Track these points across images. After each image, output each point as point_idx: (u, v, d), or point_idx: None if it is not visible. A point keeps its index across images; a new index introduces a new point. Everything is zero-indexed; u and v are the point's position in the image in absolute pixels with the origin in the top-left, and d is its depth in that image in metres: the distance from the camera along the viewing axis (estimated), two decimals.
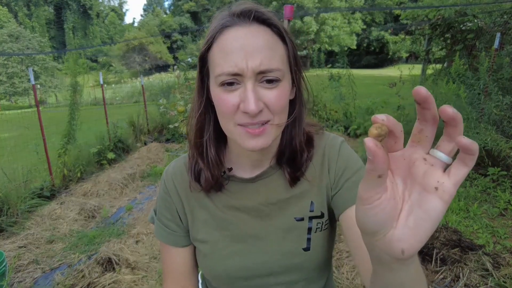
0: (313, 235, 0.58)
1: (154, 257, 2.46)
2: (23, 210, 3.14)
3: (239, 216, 0.59)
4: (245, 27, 0.47)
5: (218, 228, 0.59)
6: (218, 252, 0.58)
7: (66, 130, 4.36)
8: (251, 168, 0.59)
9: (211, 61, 0.50)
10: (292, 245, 0.57)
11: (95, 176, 4.26)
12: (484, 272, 2.03)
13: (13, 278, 2.26)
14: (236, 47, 0.46)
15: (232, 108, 0.48)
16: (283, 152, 0.57)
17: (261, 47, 0.46)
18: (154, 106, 7.11)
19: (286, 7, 2.29)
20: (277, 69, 0.47)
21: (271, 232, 0.58)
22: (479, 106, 3.54)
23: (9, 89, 20.25)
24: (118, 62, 34.25)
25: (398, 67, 5.15)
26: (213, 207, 0.60)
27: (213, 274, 0.60)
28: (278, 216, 0.58)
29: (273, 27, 0.48)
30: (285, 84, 0.49)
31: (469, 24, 4.55)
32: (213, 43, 0.49)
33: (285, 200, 0.58)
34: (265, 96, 0.47)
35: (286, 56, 0.49)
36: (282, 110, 0.50)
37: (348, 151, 0.60)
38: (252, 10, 0.48)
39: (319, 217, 0.58)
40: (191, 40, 42.98)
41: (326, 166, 0.59)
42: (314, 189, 0.59)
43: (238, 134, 0.50)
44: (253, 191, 0.59)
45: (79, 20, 42.48)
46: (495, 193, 3.01)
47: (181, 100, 3.11)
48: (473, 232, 2.50)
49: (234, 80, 0.47)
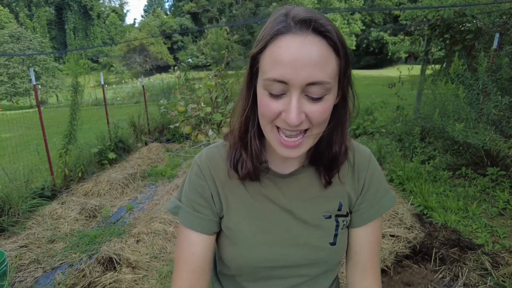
0: (339, 231, 0.61)
1: (154, 256, 2.47)
2: (24, 210, 3.15)
3: (271, 207, 0.60)
4: (301, 37, 0.46)
5: (249, 216, 0.60)
6: (248, 240, 0.59)
7: (67, 130, 4.38)
8: (282, 163, 0.61)
9: (261, 63, 0.50)
10: (320, 240, 0.59)
11: (96, 176, 4.27)
12: (483, 271, 2.03)
13: (14, 277, 2.27)
14: (288, 57, 0.45)
15: (273, 115, 0.49)
16: (321, 154, 0.59)
17: (313, 59, 0.45)
18: (154, 107, 7.14)
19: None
20: (325, 82, 0.46)
21: (300, 226, 0.60)
22: (478, 106, 3.55)
23: (10, 89, 20.28)
24: (119, 63, 34.27)
25: (397, 68, 5.15)
26: (247, 195, 0.61)
27: (239, 263, 0.60)
28: (307, 213, 0.60)
29: (329, 39, 0.47)
30: (331, 97, 0.49)
31: (468, 24, 4.55)
32: (266, 47, 0.49)
33: (315, 198, 0.61)
34: (308, 108, 0.48)
35: (337, 69, 0.49)
36: (322, 122, 0.50)
37: (377, 165, 0.64)
38: (311, 20, 0.46)
39: (345, 215, 0.62)
40: (192, 40, 43.02)
41: (356, 173, 0.62)
42: (343, 191, 0.61)
43: (273, 139, 0.51)
44: (285, 186, 0.61)
45: (80, 21, 42.50)
46: (494, 192, 3.02)
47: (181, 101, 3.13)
48: (472, 232, 2.51)
49: (281, 91, 0.47)
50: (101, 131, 5.17)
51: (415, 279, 2.04)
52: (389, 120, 5.07)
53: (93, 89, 16.31)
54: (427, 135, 4.33)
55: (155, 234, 2.73)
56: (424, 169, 3.51)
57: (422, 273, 2.10)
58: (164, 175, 4.44)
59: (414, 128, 4.28)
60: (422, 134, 4.36)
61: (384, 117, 5.37)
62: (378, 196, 0.62)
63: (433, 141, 4.14)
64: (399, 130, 4.59)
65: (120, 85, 25.42)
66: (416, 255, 2.26)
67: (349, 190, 0.62)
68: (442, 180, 3.40)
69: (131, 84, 24.27)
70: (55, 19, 41.45)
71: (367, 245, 0.62)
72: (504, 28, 4.01)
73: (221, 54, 6.05)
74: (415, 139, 4.20)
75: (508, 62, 3.68)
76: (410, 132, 4.35)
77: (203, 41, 34.05)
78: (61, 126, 4.54)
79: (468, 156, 3.53)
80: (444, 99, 3.89)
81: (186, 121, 5.34)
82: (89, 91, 14.21)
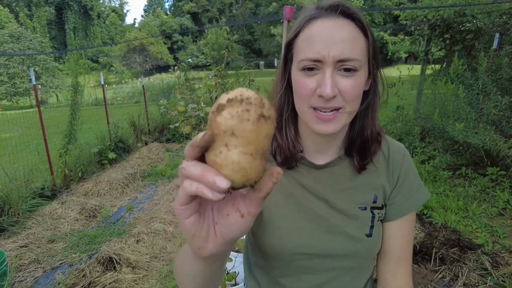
0: (375, 223, 0.61)
1: (154, 256, 2.47)
2: (24, 210, 3.15)
3: (307, 196, 0.62)
4: (331, 19, 0.51)
5: (287, 203, 0.61)
6: (287, 226, 0.60)
7: (67, 130, 4.38)
8: (316, 153, 0.62)
9: (296, 47, 0.54)
10: (356, 230, 0.60)
11: (96, 176, 4.27)
12: (483, 271, 2.03)
13: (14, 277, 2.27)
14: (321, 36, 0.50)
15: (309, 91, 0.52)
16: (354, 141, 0.60)
17: (344, 38, 0.49)
18: (154, 106, 7.13)
19: (286, 8, 2.31)
20: (356, 59, 0.50)
21: (336, 216, 0.61)
22: (478, 106, 3.55)
23: (10, 89, 20.27)
24: (119, 63, 34.27)
25: (397, 68, 5.14)
26: (285, 182, 0.62)
27: (277, 250, 0.61)
28: (342, 203, 0.61)
29: (357, 21, 0.52)
30: (362, 74, 0.52)
31: (468, 24, 4.55)
32: (300, 32, 0.53)
33: (350, 189, 0.61)
34: (341, 83, 0.51)
35: (366, 49, 0.53)
36: (355, 99, 0.53)
37: (411, 160, 0.65)
38: (339, 5, 0.52)
39: (380, 208, 0.62)
40: (192, 40, 43.02)
41: (391, 166, 0.63)
42: (378, 184, 0.62)
43: (310, 117, 0.54)
44: (321, 176, 0.62)
45: (80, 21, 42.51)
46: (494, 192, 3.02)
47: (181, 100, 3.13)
48: (472, 232, 2.50)
49: (315, 66, 0.51)
50: (101, 131, 5.17)
51: (415, 279, 2.04)
52: (389, 120, 5.06)
53: (93, 89, 16.31)
54: (427, 135, 4.32)
55: (155, 234, 2.73)
56: (424, 169, 3.51)
57: (422, 273, 2.10)
58: (164, 175, 4.45)
59: (414, 128, 4.28)
60: (422, 134, 4.36)
61: (384, 117, 5.37)
62: (413, 190, 0.63)
63: (433, 141, 4.13)
64: (399, 130, 4.58)
65: (120, 85, 25.42)
66: (416, 255, 2.26)
67: (384, 183, 0.62)
68: (442, 180, 3.40)
69: (131, 84, 24.27)
70: (55, 19, 41.45)
71: (400, 238, 0.62)
72: (504, 28, 4.01)
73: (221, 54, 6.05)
74: (415, 139, 4.20)
75: (508, 62, 3.68)
76: (410, 132, 4.35)
77: (203, 41, 34.06)
78: (61, 126, 4.54)
79: (468, 156, 3.53)
80: (444, 99, 3.89)
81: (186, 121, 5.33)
82: (89, 91, 14.21)
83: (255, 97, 0.26)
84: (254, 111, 0.26)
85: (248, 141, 0.26)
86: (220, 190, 0.26)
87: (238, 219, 0.30)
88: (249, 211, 0.30)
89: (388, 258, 0.63)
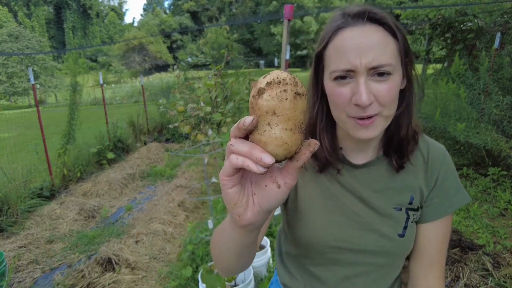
0: (409, 224, 0.61)
1: (154, 257, 2.45)
2: (23, 210, 3.14)
3: (343, 193, 0.63)
4: (359, 27, 0.51)
5: (323, 197, 0.63)
6: (321, 219, 0.62)
7: (65, 130, 4.36)
8: (355, 153, 0.63)
9: (326, 59, 0.55)
10: (389, 230, 0.60)
11: (95, 176, 4.25)
12: (484, 272, 2.03)
13: (13, 278, 2.25)
14: (351, 46, 0.50)
15: (345, 100, 0.52)
16: (391, 140, 0.60)
17: (374, 45, 0.50)
18: (154, 106, 7.10)
19: (286, 7, 2.30)
20: (388, 64, 0.50)
21: (371, 214, 0.61)
22: (479, 106, 3.54)
23: (9, 89, 20.21)
24: (117, 62, 34.20)
25: None
26: (323, 177, 0.64)
27: (310, 240, 0.63)
28: (378, 203, 0.61)
29: (385, 26, 0.52)
30: (396, 77, 0.52)
31: (470, 23, 4.54)
32: (329, 43, 0.54)
33: (387, 190, 0.62)
34: (375, 88, 0.51)
35: (397, 51, 0.53)
36: (391, 102, 0.52)
37: (451, 162, 0.64)
38: (366, 11, 0.52)
39: (415, 210, 0.62)
40: (191, 39, 42.96)
41: (430, 167, 0.62)
42: (415, 185, 0.62)
43: (349, 125, 0.54)
44: (359, 175, 0.63)
45: (78, 20, 42.41)
46: (495, 193, 3.01)
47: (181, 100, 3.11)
48: (473, 232, 2.50)
49: (347, 75, 0.51)
50: (100, 131, 5.15)
51: None
52: None
53: (92, 88, 16.28)
54: (428, 135, 4.31)
55: (154, 235, 2.72)
56: None
57: None
58: (163, 175, 4.43)
59: None
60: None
61: None
62: (452, 192, 0.62)
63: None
64: None
65: (119, 84, 25.37)
66: None
67: (421, 184, 0.62)
68: None
69: (130, 83, 24.23)
70: (54, 18, 41.35)
71: (435, 240, 0.62)
72: (506, 27, 4.00)
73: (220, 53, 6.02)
74: None
75: (509, 61, 3.67)
76: None
77: (203, 40, 34.00)
78: (59, 125, 4.52)
79: (470, 156, 3.52)
80: (445, 99, 3.87)
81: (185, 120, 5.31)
82: (88, 90, 14.18)
83: (289, 78, 0.30)
84: (291, 90, 0.29)
85: (287, 118, 0.29)
86: (265, 165, 0.30)
87: (275, 189, 0.34)
88: (285, 181, 0.34)
89: (421, 258, 0.63)
